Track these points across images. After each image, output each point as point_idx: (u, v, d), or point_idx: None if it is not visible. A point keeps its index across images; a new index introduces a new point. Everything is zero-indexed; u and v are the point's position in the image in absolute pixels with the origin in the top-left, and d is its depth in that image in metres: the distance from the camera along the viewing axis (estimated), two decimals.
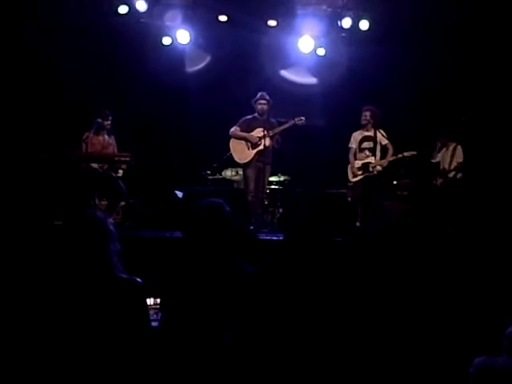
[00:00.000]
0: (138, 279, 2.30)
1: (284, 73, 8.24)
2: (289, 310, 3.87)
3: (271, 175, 6.94)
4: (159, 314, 2.76)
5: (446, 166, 6.77)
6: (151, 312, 2.63)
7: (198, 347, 2.37)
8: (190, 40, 7.63)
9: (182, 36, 7.56)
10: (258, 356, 2.41)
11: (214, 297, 2.39)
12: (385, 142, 6.45)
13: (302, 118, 6.28)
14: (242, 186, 6.90)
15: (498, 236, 5.30)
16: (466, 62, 7.24)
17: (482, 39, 7.05)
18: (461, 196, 6.61)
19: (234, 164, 6.88)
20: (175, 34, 7.58)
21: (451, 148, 6.81)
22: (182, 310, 2.43)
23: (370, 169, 6.36)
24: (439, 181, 6.87)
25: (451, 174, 6.73)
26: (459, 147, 6.78)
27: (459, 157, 6.75)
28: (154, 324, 2.49)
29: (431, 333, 3.89)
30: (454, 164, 6.71)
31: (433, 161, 7.02)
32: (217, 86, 7.83)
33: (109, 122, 6.29)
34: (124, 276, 2.29)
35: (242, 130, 6.40)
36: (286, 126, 6.30)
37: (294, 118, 6.29)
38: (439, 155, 6.97)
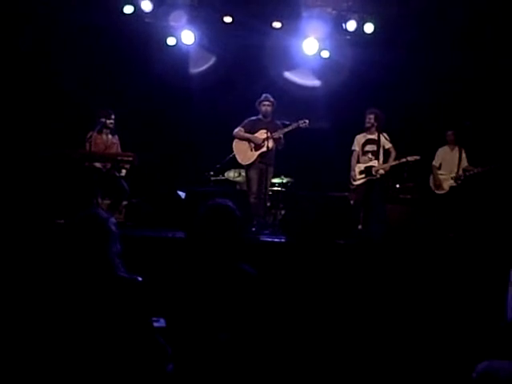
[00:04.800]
0: (139, 278, 2.30)
1: (288, 75, 8.24)
2: (290, 310, 3.87)
3: (274, 177, 6.92)
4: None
5: (454, 173, 6.75)
6: None
7: (196, 346, 2.36)
8: (195, 41, 7.64)
9: (187, 36, 7.57)
10: (257, 356, 2.41)
11: (215, 297, 2.38)
12: (388, 145, 6.43)
13: (306, 120, 6.26)
14: (244, 188, 6.89)
15: (499, 240, 5.29)
16: (471, 66, 7.22)
17: (489, 42, 7.03)
18: (463, 200, 6.59)
19: (236, 165, 6.86)
20: (180, 35, 7.59)
21: (456, 152, 6.79)
22: (183, 309, 2.42)
23: (373, 172, 6.34)
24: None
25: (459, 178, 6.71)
26: (463, 152, 6.77)
27: (465, 162, 6.76)
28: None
29: (433, 337, 3.87)
30: (461, 170, 6.71)
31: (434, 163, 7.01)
32: (221, 86, 7.84)
33: (111, 121, 6.30)
34: (125, 275, 2.28)
35: (245, 131, 6.40)
36: (290, 128, 6.29)
37: (297, 121, 6.28)
38: (440, 155, 6.94)
